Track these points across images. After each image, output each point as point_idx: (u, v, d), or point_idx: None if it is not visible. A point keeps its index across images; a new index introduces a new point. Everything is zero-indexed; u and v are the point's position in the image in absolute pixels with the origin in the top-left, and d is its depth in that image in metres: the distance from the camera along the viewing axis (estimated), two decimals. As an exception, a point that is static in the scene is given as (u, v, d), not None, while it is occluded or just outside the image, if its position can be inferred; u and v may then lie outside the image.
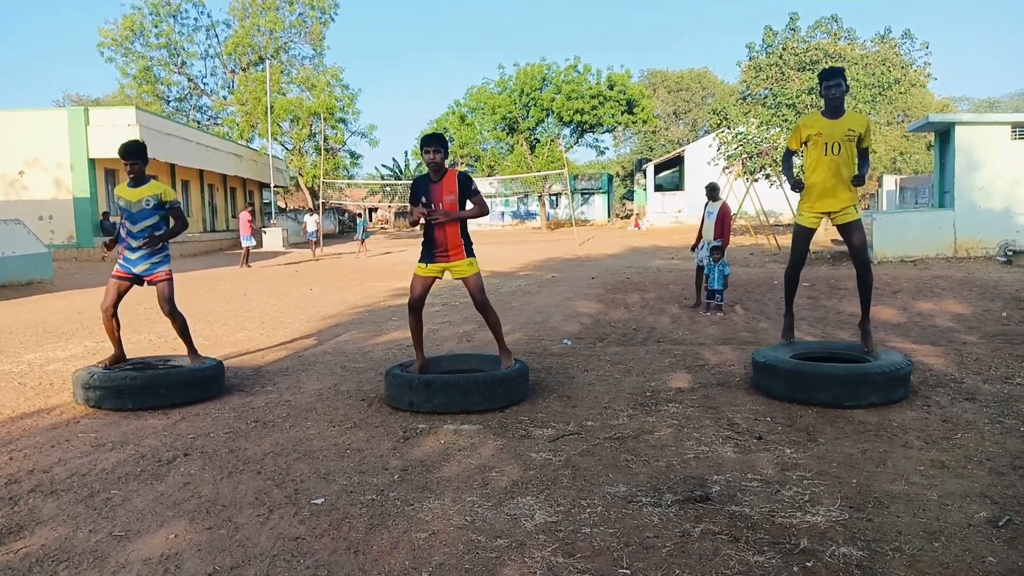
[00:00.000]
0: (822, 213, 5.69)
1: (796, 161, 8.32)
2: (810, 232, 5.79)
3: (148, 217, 5.85)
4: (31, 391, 6.11)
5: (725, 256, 10.10)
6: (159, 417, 5.21)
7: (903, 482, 3.70)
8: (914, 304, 10.31)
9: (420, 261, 5.57)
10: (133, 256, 5.88)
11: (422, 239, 5.62)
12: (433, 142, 5.42)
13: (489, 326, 5.69)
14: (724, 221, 10.14)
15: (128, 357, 6.19)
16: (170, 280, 5.97)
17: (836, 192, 5.58)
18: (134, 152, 5.81)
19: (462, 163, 46.13)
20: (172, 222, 6.01)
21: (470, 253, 5.55)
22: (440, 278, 5.64)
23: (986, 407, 5.00)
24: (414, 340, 5.69)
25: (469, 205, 5.52)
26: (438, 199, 5.42)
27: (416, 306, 5.56)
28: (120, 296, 5.89)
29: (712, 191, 10.54)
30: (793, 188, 5.93)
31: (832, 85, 5.52)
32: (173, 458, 4.32)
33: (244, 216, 22.06)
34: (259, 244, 30.48)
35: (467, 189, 5.47)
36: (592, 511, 3.43)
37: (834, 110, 5.58)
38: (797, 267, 5.87)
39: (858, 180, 5.67)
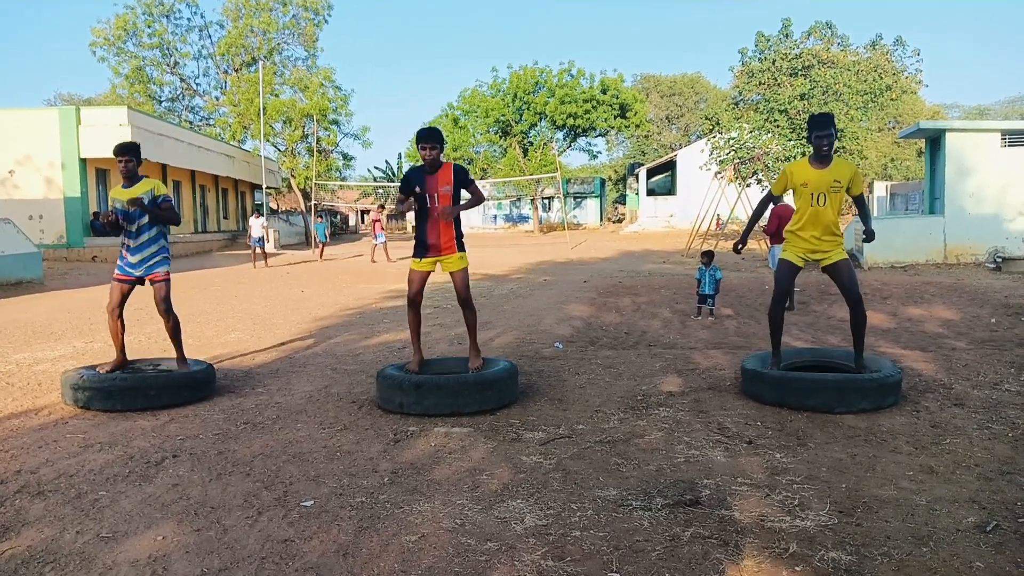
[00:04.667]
0: (806, 258, 5.66)
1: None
2: (796, 269, 5.72)
3: (143, 215, 5.85)
4: (19, 391, 6.07)
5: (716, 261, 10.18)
6: (148, 418, 5.18)
7: (892, 487, 3.71)
8: (904, 310, 10.36)
9: (414, 256, 5.65)
10: (133, 259, 5.88)
11: (415, 236, 5.68)
12: (430, 139, 5.48)
13: (466, 320, 5.77)
14: (779, 219, 10.47)
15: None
16: (167, 281, 5.98)
17: (821, 242, 5.56)
18: (128, 149, 5.86)
19: (455, 166, 46.04)
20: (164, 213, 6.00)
21: (461, 248, 5.64)
22: (433, 270, 5.70)
23: (975, 413, 5.03)
24: (412, 335, 5.72)
25: (465, 198, 5.60)
26: (433, 190, 5.48)
27: (415, 300, 5.64)
28: (124, 298, 5.91)
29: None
30: (736, 246, 5.96)
31: (823, 135, 5.42)
32: (162, 459, 4.30)
33: (373, 216, 23.21)
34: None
35: (463, 180, 5.58)
36: (582, 514, 3.42)
37: (822, 159, 5.53)
38: (781, 301, 5.73)
39: (868, 235, 5.63)
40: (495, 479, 3.91)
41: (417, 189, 5.50)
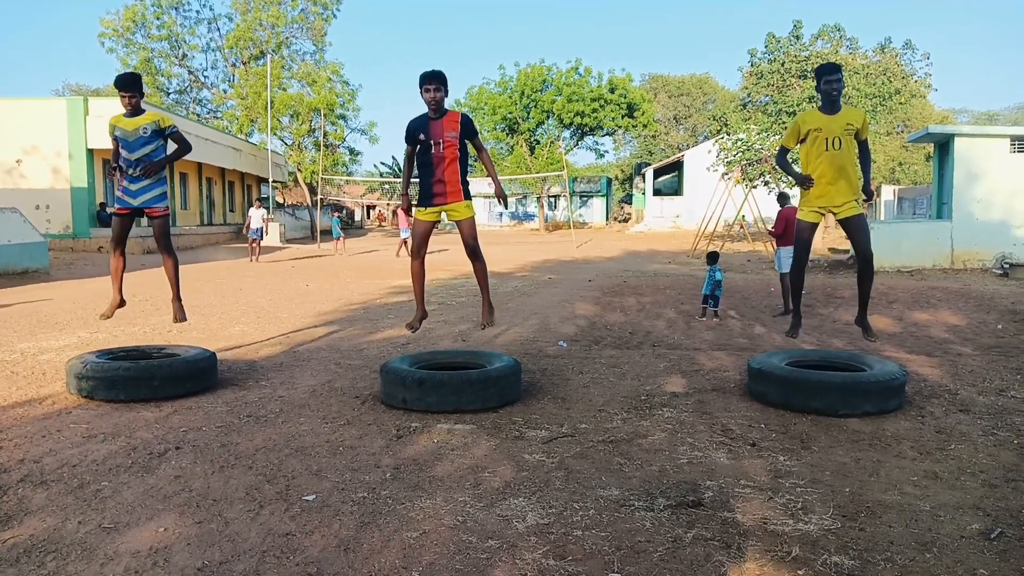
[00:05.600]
0: (823, 208, 5.67)
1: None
2: (813, 227, 5.77)
3: (146, 144, 5.81)
4: (23, 380, 6.08)
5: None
6: (151, 409, 5.19)
7: (896, 492, 3.70)
8: (910, 314, 10.32)
9: (419, 205, 5.46)
10: (132, 187, 5.84)
11: (419, 182, 5.45)
12: (434, 79, 5.21)
13: (476, 272, 5.61)
14: (786, 222, 10.37)
15: (123, 346, 6.18)
16: (166, 216, 5.96)
17: (838, 186, 5.58)
18: (131, 84, 5.77)
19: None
20: (174, 146, 5.96)
21: (467, 196, 5.48)
22: (439, 220, 5.57)
23: (980, 419, 5.01)
24: (416, 289, 5.61)
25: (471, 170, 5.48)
26: (438, 136, 5.26)
27: (420, 252, 5.53)
28: (125, 232, 5.92)
29: (781, 198, 11.20)
30: (803, 184, 5.79)
31: (833, 80, 5.58)
32: (164, 451, 4.30)
33: (402, 211, 23.38)
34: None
35: (470, 130, 5.36)
36: (584, 514, 3.41)
37: (832, 105, 5.63)
38: (802, 263, 5.84)
39: (867, 193, 5.69)
40: (497, 477, 3.90)
41: (422, 136, 5.30)
